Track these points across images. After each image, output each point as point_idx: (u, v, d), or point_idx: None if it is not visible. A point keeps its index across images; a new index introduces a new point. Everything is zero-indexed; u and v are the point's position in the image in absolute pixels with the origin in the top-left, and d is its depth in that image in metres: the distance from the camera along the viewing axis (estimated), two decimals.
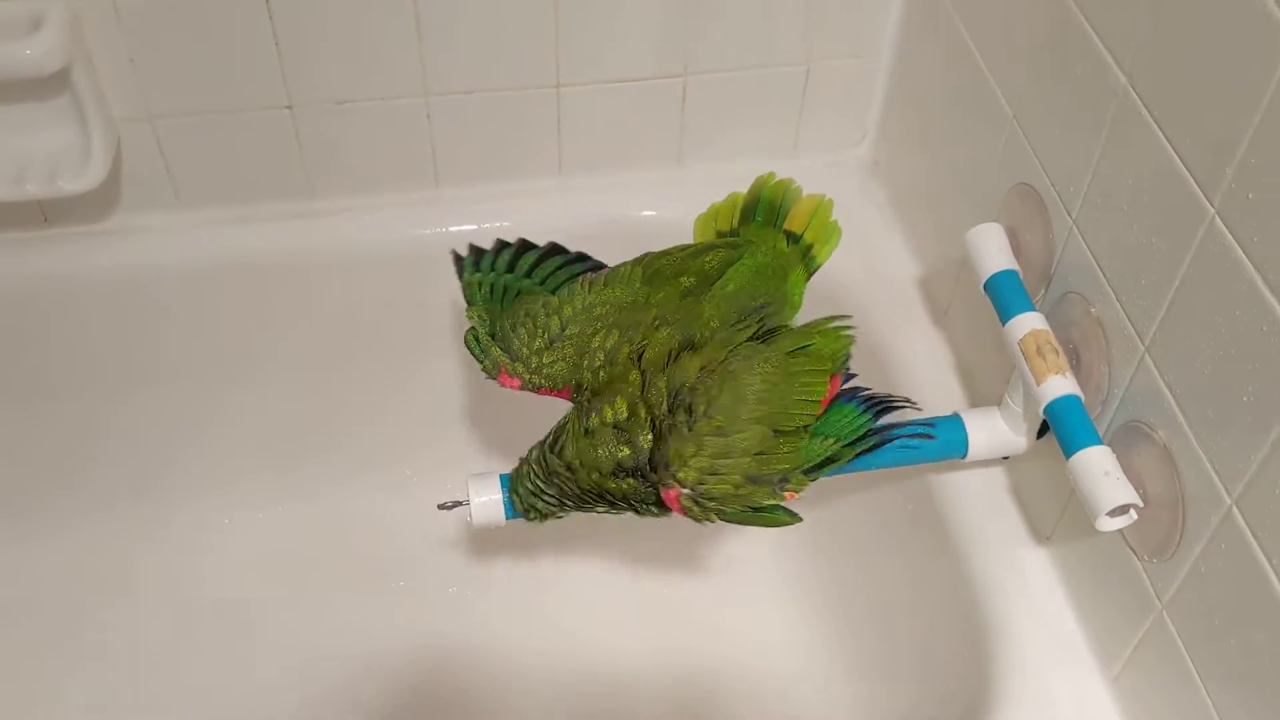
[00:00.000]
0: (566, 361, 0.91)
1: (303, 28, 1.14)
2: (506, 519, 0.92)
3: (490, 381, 0.94)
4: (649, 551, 1.35)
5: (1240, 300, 0.72)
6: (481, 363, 0.93)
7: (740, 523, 0.85)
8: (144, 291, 1.25)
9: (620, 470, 0.86)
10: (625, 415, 0.86)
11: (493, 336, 0.94)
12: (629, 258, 1.28)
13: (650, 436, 0.86)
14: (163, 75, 1.15)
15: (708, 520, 0.84)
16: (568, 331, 0.92)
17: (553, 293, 0.98)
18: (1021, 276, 0.98)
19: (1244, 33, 0.70)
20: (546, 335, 0.92)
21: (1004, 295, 0.96)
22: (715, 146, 1.33)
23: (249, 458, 1.38)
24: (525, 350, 0.92)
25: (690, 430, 0.84)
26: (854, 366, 1.19)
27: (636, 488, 0.86)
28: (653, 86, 1.25)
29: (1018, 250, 1.00)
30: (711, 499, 0.83)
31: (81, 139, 1.14)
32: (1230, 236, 0.73)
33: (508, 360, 0.92)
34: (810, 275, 1.00)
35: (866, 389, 0.94)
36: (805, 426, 0.87)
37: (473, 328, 0.95)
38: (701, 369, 0.87)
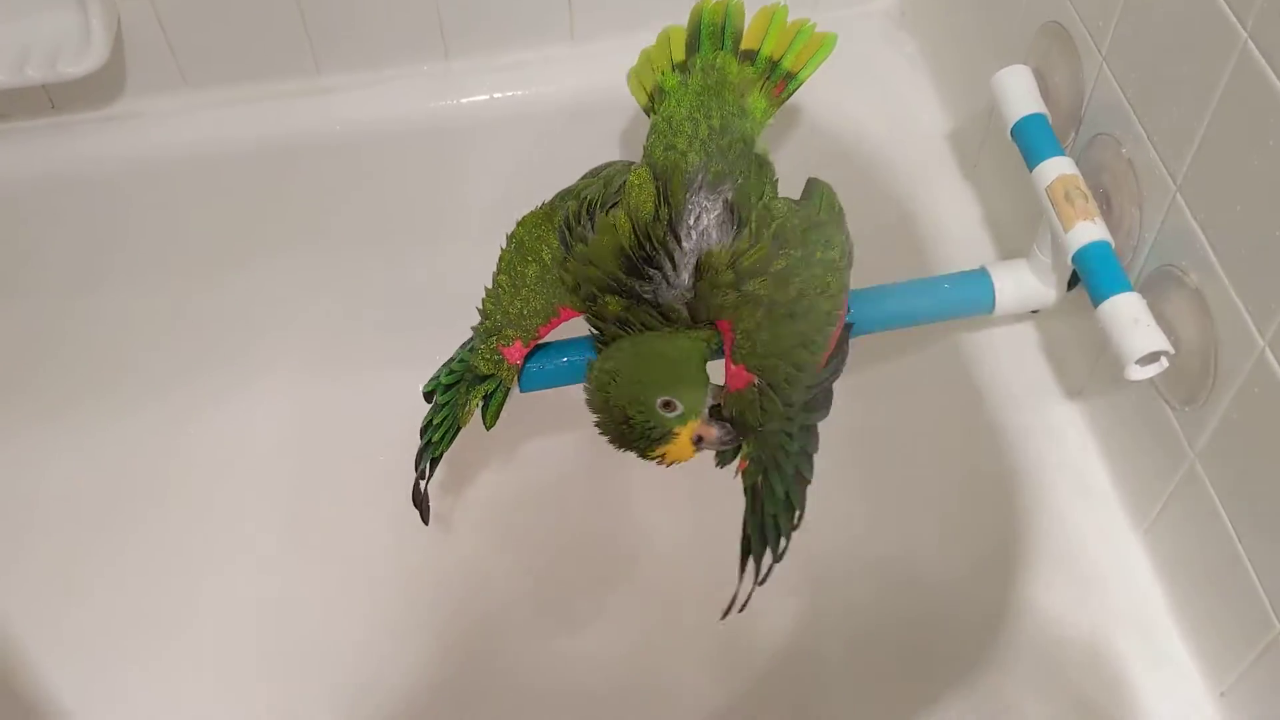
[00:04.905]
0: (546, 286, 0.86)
1: None
2: (521, 391, 0.91)
3: None
4: None
5: (1273, 130, 0.68)
6: (490, 374, 0.87)
7: None
8: (155, 177, 1.23)
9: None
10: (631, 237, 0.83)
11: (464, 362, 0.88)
12: (640, 128, 1.24)
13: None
14: None
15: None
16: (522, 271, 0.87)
17: None
18: (1050, 120, 0.93)
19: None
20: (512, 289, 0.87)
21: (1031, 140, 0.92)
22: None
23: (273, 342, 1.37)
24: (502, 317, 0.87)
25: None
26: (878, 222, 1.15)
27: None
28: None
29: (1046, 93, 0.96)
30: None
31: (81, 20, 1.12)
32: (1263, 60, 0.68)
33: (500, 338, 0.87)
34: (791, 92, 0.95)
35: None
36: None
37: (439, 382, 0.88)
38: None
